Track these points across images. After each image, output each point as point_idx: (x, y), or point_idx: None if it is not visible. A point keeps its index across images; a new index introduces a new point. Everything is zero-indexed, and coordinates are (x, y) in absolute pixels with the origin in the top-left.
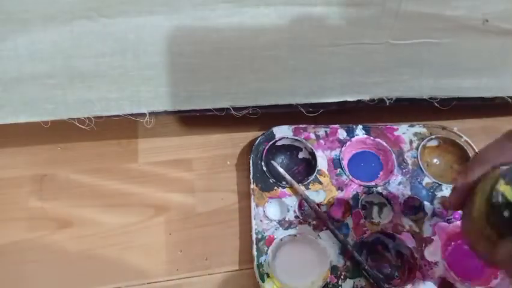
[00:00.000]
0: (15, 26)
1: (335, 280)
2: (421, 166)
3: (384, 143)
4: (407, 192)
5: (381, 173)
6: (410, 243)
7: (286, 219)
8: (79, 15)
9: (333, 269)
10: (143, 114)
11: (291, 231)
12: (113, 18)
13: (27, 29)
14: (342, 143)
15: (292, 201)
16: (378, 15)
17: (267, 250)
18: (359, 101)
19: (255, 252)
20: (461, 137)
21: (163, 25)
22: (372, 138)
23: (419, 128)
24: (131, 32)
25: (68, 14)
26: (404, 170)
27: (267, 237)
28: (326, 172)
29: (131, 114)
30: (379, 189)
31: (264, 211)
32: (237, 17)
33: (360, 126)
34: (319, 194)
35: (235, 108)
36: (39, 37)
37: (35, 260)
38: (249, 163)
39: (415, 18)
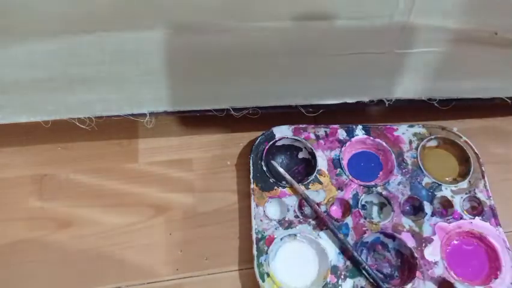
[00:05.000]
0: (12, 38)
1: (335, 280)
2: (421, 166)
3: (384, 143)
4: (407, 192)
5: (380, 173)
6: (410, 243)
7: (286, 218)
8: (76, 29)
9: (333, 269)
10: (143, 115)
11: (291, 231)
12: (110, 31)
13: (24, 40)
14: (342, 143)
15: (292, 201)
16: (385, 28)
17: (267, 250)
18: (358, 101)
19: (255, 252)
20: (461, 137)
21: (164, 38)
22: (372, 138)
23: (418, 128)
24: (130, 43)
25: (65, 27)
26: (403, 170)
27: (267, 237)
28: (326, 172)
29: (132, 115)
30: (379, 189)
31: (264, 211)
32: (239, 30)
33: (360, 127)
34: (319, 193)
35: (235, 109)
36: (37, 47)
37: (34, 260)
38: (249, 163)
39: (422, 30)
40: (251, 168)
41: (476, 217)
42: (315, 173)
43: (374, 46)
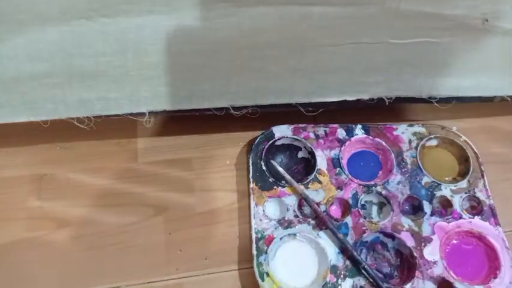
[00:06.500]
0: (12, 27)
1: (335, 279)
2: (420, 166)
3: (384, 143)
4: (406, 191)
5: (380, 172)
6: (410, 242)
7: (286, 218)
8: (78, 15)
9: (333, 268)
10: (142, 114)
11: (291, 231)
12: (112, 18)
13: (25, 29)
14: (341, 142)
15: (291, 201)
16: (378, 15)
17: (267, 249)
18: (358, 100)
19: (254, 252)
20: (460, 136)
21: (163, 24)
22: (371, 137)
23: (418, 128)
24: (131, 31)
25: (67, 14)
26: (403, 170)
27: (266, 237)
28: (326, 171)
29: (131, 114)
30: (378, 188)
31: (263, 210)
32: (236, 17)
33: (359, 126)
34: (318, 193)
35: (235, 108)
36: (38, 37)
37: (34, 260)
38: (249, 162)
39: (414, 17)
40: (250, 167)
41: (476, 216)
42: (314, 173)
43: (368, 35)
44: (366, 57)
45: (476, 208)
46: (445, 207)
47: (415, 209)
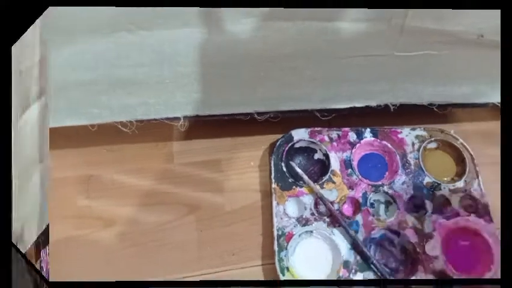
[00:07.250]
0: (61, 38)
1: (347, 274)
2: (422, 167)
3: (390, 145)
4: (410, 191)
5: (387, 173)
6: (413, 238)
7: (304, 216)
8: (119, 28)
9: (345, 264)
10: (177, 118)
11: (308, 228)
12: (150, 30)
13: (72, 41)
14: (352, 145)
15: (309, 200)
16: (385, 30)
17: (287, 245)
18: (367, 106)
19: (276, 248)
20: (458, 139)
21: (195, 37)
22: (379, 140)
23: (420, 131)
24: (167, 44)
25: (110, 27)
26: (407, 171)
27: (286, 234)
28: (339, 172)
29: (167, 118)
30: (385, 188)
31: (284, 209)
32: (262, 31)
33: (368, 130)
34: (332, 192)
35: (258, 113)
36: (83, 48)
37: (80, 258)
38: (270, 164)
39: (418, 33)
40: (272, 168)
41: (472, 214)
42: (329, 173)
43: (376, 49)
44: (374, 68)
45: (472, 206)
46: (445, 206)
47: (418, 208)
